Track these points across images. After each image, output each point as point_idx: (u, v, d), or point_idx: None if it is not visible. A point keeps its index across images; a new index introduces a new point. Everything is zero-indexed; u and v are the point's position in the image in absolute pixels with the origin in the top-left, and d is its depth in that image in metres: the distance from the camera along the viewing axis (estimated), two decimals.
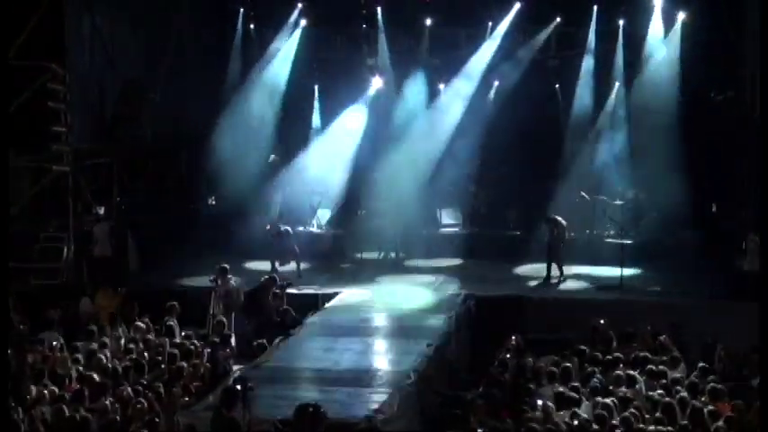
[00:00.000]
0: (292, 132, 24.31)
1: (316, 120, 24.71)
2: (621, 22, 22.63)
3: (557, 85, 23.53)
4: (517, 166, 22.72)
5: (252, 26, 24.23)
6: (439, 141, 23.34)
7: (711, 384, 12.12)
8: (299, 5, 23.64)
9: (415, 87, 23.76)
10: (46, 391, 11.72)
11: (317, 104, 24.56)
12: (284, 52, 23.79)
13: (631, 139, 22.58)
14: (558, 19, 22.99)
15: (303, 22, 23.65)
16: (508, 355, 13.97)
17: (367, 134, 23.62)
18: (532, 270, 20.23)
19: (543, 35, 23.24)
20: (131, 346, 14.01)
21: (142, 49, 22.44)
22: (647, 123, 22.34)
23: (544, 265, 19.84)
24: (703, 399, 11.74)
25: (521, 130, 22.71)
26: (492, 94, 23.79)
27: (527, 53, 23.30)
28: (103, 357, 13.14)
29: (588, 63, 23.17)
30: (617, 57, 22.90)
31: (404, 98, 23.75)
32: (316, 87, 24.56)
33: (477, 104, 23.57)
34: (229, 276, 16.87)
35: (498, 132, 23.00)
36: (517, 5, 22.82)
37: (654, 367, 12.87)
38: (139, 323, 14.95)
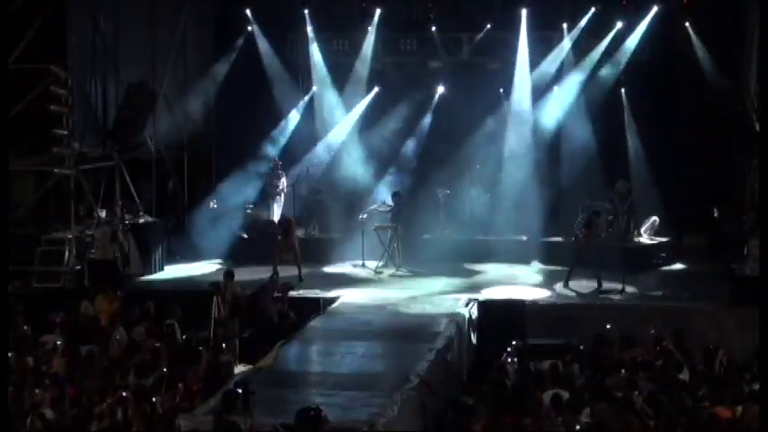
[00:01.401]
0: (297, 135, 24.31)
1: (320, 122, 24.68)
2: (619, 24, 22.55)
3: (554, 87, 23.45)
4: (519, 169, 22.69)
5: (250, 29, 24.08)
6: (441, 145, 23.35)
7: (712, 389, 12.09)
8: (306, 12, 23.63)
9: (415, 91, 23.75)
10: (47, 394, 11.67)
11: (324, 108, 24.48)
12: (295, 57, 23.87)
13: (630, 141, 22.54)
14: (565, 24, 22.93)
15: (309, 29, 23.67)
16: (509, 360, 13.94)
17: (367, 138, 23.63)
18: (535, 274, 20.23)
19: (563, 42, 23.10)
20: (132, 348, 13.94)
21: (145, 52, 22.40)
22: (645, 127, 22.35)
23: (548, 269, 19.87)
24: (704, 404, 11.69)
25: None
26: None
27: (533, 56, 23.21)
28: (104, 360, 13.09)
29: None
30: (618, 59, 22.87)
31: (402, 101, 23.70)
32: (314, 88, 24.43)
33: (478, 108, 23.58)
34: (233, 281, 16.82)
35: (499, 136, 23.05)
36: (524, 11, 22.71)
37: (656, 372, 12.83)
38: (140, 326, 14.89)
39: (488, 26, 23.19)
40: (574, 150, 22.49)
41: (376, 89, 23.84)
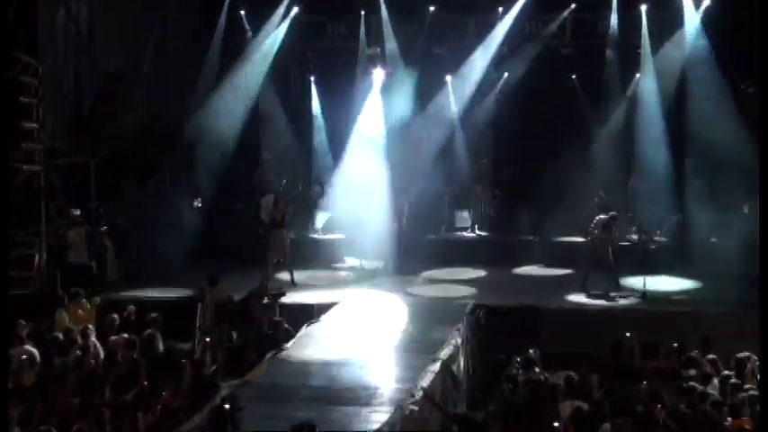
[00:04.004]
0: (290, 128, 24.22)
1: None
2: (644, 8, 22.56)
3: (573, 76, 23.45)
4: (529, 164, 22.69)
5: (243, 12, 24.03)
6: (443, 138, 23.30)
7: (732, 400, 12.03)
8: None
9: (420, 79, 23.70)
10: (15, 411, 11.58)
11: (316, 99, 24.37)
12: (274, 42, 23.75)
13: (654, 134, 22.48)
14: (573, 5, 22.96)
15: (295, 10, 23.58)
16: (520, 371, 13.88)
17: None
18: (546, 277, 20.19)
19: (557, 22, 23.27)
20: (108, 361, 13.85)
21: (123, 39, 22.33)
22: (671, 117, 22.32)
23: (559, 272, 19.78)
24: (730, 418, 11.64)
25: (532, 124, 22.72)
26: (500, 85, 23.90)
27: (539, 41, 23.41)
28: (78, 374, 13.01)
29: (608, 52, 23.25)
30: (640, 45, 22.91)
31: (407, 91, 23.67)
32: (312, 79, 24.44)
33: (484, 97, 23.54)
34: (219, 286, 16.76)
35: (507, 127, 23.00)
36: None
37: (682, 383, 12.77)
38: (117, 337, 14.82)
39: (500, 10, 23.21)
40: (588, 143, 22.58)
41: (377, 76, 23.83)
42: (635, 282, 18.82)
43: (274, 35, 23.63)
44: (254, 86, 23.51)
